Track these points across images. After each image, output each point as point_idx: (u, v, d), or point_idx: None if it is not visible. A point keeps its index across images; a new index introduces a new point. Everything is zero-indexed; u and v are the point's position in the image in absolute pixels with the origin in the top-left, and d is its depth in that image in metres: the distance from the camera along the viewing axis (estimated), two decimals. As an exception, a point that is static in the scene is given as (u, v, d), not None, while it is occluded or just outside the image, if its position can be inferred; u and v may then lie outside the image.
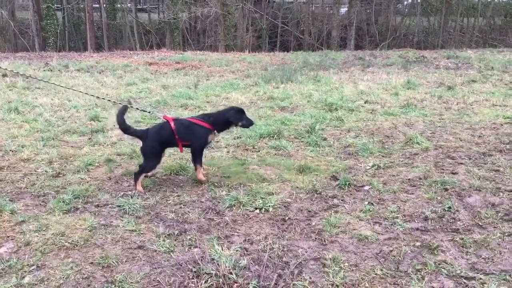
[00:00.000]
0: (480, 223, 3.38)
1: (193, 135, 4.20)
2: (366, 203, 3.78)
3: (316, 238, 3.19)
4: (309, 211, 3.64)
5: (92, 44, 25.94)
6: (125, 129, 4.15)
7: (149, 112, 5.25)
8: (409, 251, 2.98)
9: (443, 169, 4.55)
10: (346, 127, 6.42)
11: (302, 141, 5.73)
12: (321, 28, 28.33)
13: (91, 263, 2.88)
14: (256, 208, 3.68)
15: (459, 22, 26.28)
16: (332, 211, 3.64)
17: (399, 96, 8.77)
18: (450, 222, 3.41)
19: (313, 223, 3.43)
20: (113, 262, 2.87)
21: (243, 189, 4.06)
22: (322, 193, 4.00)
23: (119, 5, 31.28)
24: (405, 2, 30.60)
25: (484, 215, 3.50)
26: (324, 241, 3.15)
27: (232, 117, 4.31)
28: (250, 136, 5.83)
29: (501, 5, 25.78)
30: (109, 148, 5.44)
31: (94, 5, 28.57)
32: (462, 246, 3.04)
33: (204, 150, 4.38)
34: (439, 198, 3.84)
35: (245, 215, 3.58)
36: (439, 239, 3.14)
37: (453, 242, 3.10)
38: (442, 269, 2.75)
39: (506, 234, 3.19)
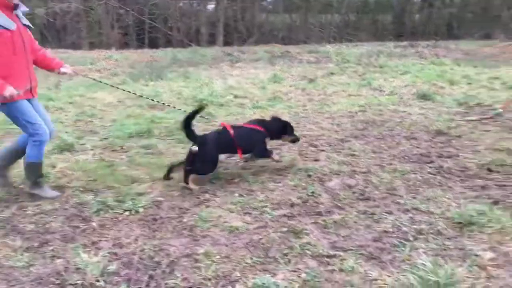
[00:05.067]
0: (339, 204, 3.66)
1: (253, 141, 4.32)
2: (237, 195, 3.87)
3: (188, 235, 3.19)
4: (181, 208, 3.62)
5: None
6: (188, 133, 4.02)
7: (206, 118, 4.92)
8: (277, 238, 3.12)
9: (307, 157, 4.84)
10: (216, 122, 6.49)
11: (173, 139, 5.67)
12: (189, 24, 28.20)
13: None
14: (125, 210, 3.55)
15: (318, 18, 28.09)
16: (204, 206, 3.67)
17: (266, 89, 9.12)
18: (314, 206, 3.65)
19: (185, 220, 3.42)
20: (-39, 287, 2.57)
21: (111, 192, 3.90)
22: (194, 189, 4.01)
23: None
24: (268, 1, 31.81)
25: (343, 196, 3.80)
26: (196, 236, 3.16)
27: (288, 129, 4.54)
28: (118, 137, 5.61)
29: (354, 2, 28.15)
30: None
31: None
32: (324, 227, 3.26)
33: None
34: (303, 184, 4.07)
35: (114, 219, 3.44)
36: (304, 223, 3.33)
37: (316, 225, 3.31)
38: (307, 251, 2.93)
39: (361, 212, 3.50)
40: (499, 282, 2.57)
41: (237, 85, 9.45)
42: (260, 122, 4.54)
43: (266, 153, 4.43)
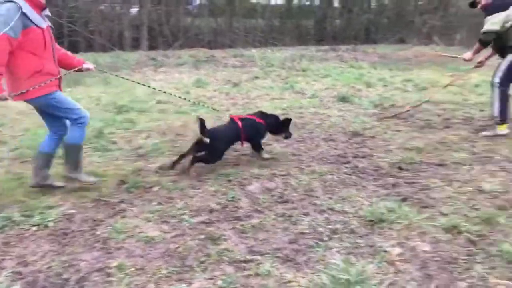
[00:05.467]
0: (258, 208, 3.68)
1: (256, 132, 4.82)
2: (155, 203, 3.78)
3: (101, 248, 3.06)
4: (95, 220, 3.47)
5: None
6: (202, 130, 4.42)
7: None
8: (194, 245, 3.07)
9: (227, 162, 4.83)
10: (137, 129, 6.33)
11: (89, 147, 5.43)
12: (112, 28, 27.29)
13: None
14: (33, 225, 3.34)
15: (243, 23, 28.30)
16: (119, 216, 3.54)
17: (190, 94, 9.02)
18: (233, 211, 3.64)
19: (98, 232, 3.28)
20: None
21: (18, 206, 3.66)
22: (109, 199, 3.86)
23: None
24: (194, 4, 31.59)
25: (262, 200, 3.83)
26: (110, 249, 3.04)
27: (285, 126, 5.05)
28: (29, 147, 5.29)
29: (277, 8, 28.68)
30: None
31: None
32: (242, 232, 3.27)
33: None
34: (223, 189, 4.06)
35: (20, 235, 3.23)
36: (223, 229, 3.31)
37: (234, 230, 3.31)
38: (224, 257, 2.91)
39: (279, 215, 3.54)
40: (406, 276, 2.70)
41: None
42: (263, 115, 5.00)
43: (260, 147, 4.89)
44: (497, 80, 5.50)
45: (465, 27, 22.32)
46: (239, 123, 4.68)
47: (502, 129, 5.50)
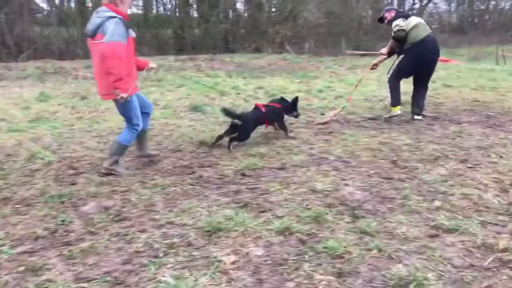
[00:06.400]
0: (92, 230, 3.43)
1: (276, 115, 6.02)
2: (-30, 237, 3.31)
3: None
4: None
5: None
6: (230, 113, 5.65)
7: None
8: (10, 280, 2.74)
9: (62, 182, 4.47)
10: None
11: None
12: None
13: None
14: None
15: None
16: None
17: (30, 110, 8.28)
18: (63, 236, 3.34)
19: None
20: None
21: None
22: None
23: None
24: (41, 13, 29.40)
25: (97, 220, 3.58)
26: None
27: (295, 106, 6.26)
28: None
29: (133, 17, 27.97)
30: None
31: None
32: (70, 258, 3.00)
33: None
34: (54, 213, 3.72)
35: None
36: (47, 257, 3.01)
37: (61, 257, 3.02)
38: (45, 289, 2.64)
39: (114, 235, 3.34)
40: (238, 283, 2.70)
41: (-6, 107, 8.35)
42: (280, 100, 6.16)
43: (285, 127, 6.10)
44: (388, 75, 7.02)
45: (312, 37, 24.08)
46: (263, 109, 5.80)
47: (396, 110, 6.88)
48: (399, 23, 6.56)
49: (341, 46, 24.68)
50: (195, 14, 30.65)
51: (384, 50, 7.06)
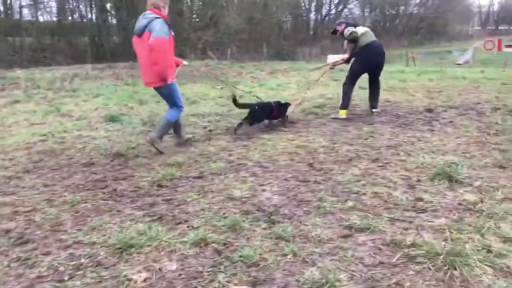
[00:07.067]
0: (-11, 257, 3.15)
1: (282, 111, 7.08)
2: None
3: None
4: None
5: None
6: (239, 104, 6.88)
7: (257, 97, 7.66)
8: None
9: (-42, 205, 4.08)
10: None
11: None
12: None
13: None
14: None
15: (8, 42, 25.45)
16: None
17: None
18: (-46, 266, 3.03)
19: None
20: None
21: None
22: None
23: None
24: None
25: (-3, 245, 3.30)
26: None
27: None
28: None
29: (46, 25, 26.62)
30: None
31: None
32: (-39, 291, 2.73)
33: None
34: None
35: None
36: None
37: (-50, 290, 2.74)
38: None
39: (15, 259, 3.07)
40: (149, 301, 2.58)
41: None
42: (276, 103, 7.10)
43: (287, 121, 7.14)
44: (344, 80, 7.65)
45: (234, 42, 24.20)
46: (273, 104, 6.93)
47: (342, 114, 7.47)
48: (351, 28, 7.33)
49: (263, 51, 25.07)
50: (114, 21, 29.77)
51: (345, 57, 7.78)
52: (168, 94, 5.68)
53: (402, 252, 2.98)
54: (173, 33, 5.45)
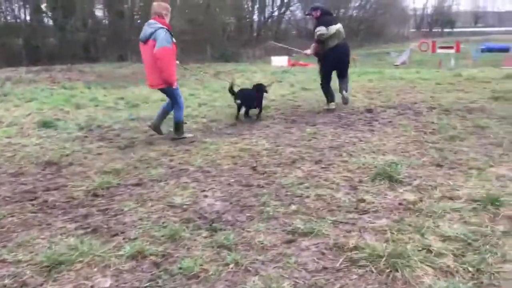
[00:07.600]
0: None
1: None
2: None
3: None
4: None
5: None
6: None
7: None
8: None
9: None
10: None
11: None
12: None
13: None
14: None
15: None
16: None
17: None
18: None
19: None
20: None
21: None
22: None
23: None
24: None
25: None
26: None
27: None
28: None
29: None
30: None
31: None
32: None
33: None
34: None
35: None
36: None
37: None
38: None
39: None
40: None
41: None
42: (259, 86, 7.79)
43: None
44: (320, 82, 8.33)
45: (177, 44, 23.81)
46: (257, 92, 7.63)
47: (331, 106, 8.20)
48: (322, 29, 7.73)
49: (207, 53, 24.84)
50: (50, 22, 28.55)
51: (308, 52, 8.36)
52: (171, 94, 6.32)
53: (345, 255, 2.94)
54: (175, 40, 6.05)
